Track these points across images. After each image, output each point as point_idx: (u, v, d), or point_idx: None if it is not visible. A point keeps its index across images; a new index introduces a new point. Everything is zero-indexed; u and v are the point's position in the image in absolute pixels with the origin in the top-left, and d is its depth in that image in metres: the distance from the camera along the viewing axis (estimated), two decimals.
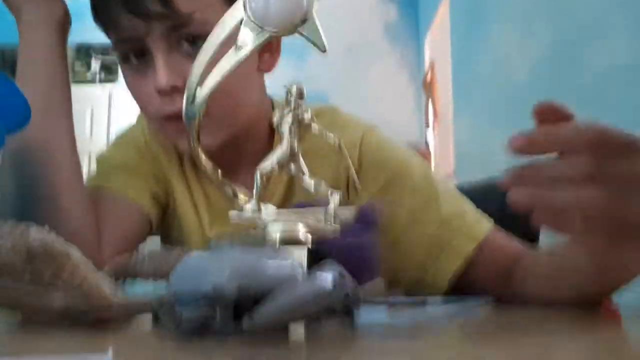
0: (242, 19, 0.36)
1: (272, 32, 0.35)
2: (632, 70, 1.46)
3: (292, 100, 0.40)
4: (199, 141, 0.45)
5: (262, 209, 0.37)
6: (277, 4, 0.34)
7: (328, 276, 0.26)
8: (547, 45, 1.95)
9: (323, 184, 0.39)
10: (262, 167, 0.38)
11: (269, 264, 0.27)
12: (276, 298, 0.25)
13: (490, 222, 0.63)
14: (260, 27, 0.35)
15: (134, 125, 0.76)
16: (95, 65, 4.19)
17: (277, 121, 0.40)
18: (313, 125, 0.40)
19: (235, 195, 0.44)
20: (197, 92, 0.39)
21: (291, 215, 0.37)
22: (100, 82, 4.16)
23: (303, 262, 0.33)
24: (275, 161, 0.38)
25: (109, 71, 4.17)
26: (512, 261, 0.57)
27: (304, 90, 0.40)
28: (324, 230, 0.36)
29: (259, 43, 0.36)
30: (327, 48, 0.36)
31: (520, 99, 2.10)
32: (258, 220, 0.36)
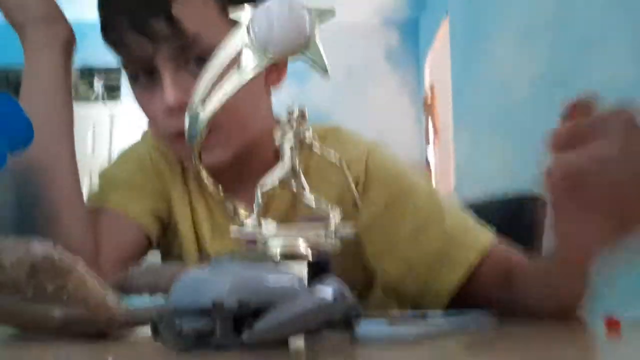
0: (244, 43, 0.36)
1: (275, 56, 0.36)
2: (631, 86, 1.47)
3: (294, 122, 0.40)
4: (201, 160, 0.46)
5: (262, 224, 0.37)
6: (280, 28, 0.35)
7: (328, 290, 0.26)
8: (546, 62, 1.97)
9: (323, 200, 0.39)
10: (263, 183, 0.39)
11: (270, 277, 0.27)
12: (277, 311, 0.25)
13: (492, 233, 0.64)
14: (263, 51, 0.36)
15: (139, 141, 0.77)
16: (98, 85, 4.23)
17: (279, 140, 0.41)
18: (314, 144, 0.40)
19: (236, 212, 0.44)
20: (200, 113, 0.40)
21: (291, 230, 0.38)
22: (103, 102, 4.20)
23: (303, 276, 0.34)
24: (276, 178, 0.39)
25: (112, 91, 4.21)
26: (513, 271, 0.58)
27: (305, 111, 0.41)
28: (324, 245, 0.37)
29: (262, 66, 0.36)
30: (329, 71, 0.36)
31: (520, 116, 2.11)
32: (258, 236, 0.37)
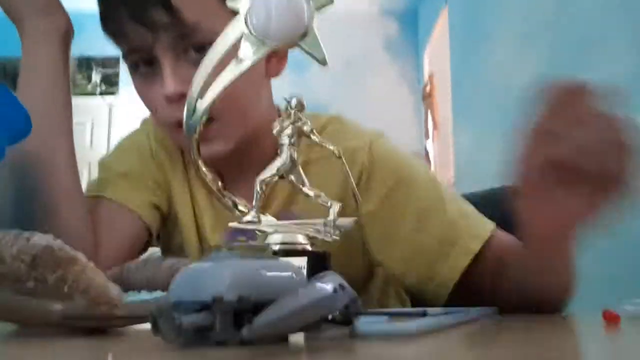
0: (243, 32, 0.36)
1: (273, 46, 0.36)
2: (630, 85, 1.47)
3: (292, 113, 0.40)
4: (200, 152, 0.45)
5: (261, 219, 0.37)
6: (277, 18, 0.35)
7: (328, 286, 0.26)
8: (546, 57, 1.96)
9: (322, 194, 0.39)
10: (262, 176, 0.38)
11: (269, 273, 0.27)
12: (276, 307, 0.25)
13: (492, 222, 0.65)
14: (261, 41, 0.35)
15: (138, 129, 0.76)
16: (95, 77, 4.21)
17: (277, 132, 0.40)
18: (313, 135, 0.40)
19: (235, 206, 0.44)
20: (198, 104, 0.39)
21: (291, 226, 0.38)
22: (100, 94, 4.18)
23: (303, 272, 0.34)
24: (274, 171, 0.39)
25: (110, 83, 4.19)
26: (507, 257, 0.60)
27: (303, 102, 0.41)
28: (323, 240, 0.36)
29: (260, 56, 0.36)
30: (328, 61, 0.36)
31: (520, 109, 2.10)
32: (258, 231, 0.36)
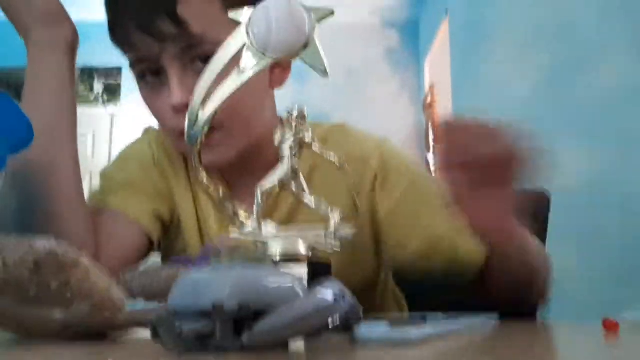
0: (244, 43, 0.36)
1: (274, 58, 0.36)
2: (631, 93, 1.47)
3: (294, 122, 0.40)
4: (201, 161, 0.46)
5: (262, 226, 0.37)
6: (278, 30, 0.35)
7: (328, 292, 0.26)
8: (547, 67, 1.97)
9: (324, 204, 0.39)
10: (263, 185, 0.39)
11: (270, 280, 0.27)
12: (277, 313, 0.25)
13: None
14: (263, 53, 0.36)
15: (140, 138, 0.77)
16: (98, 87, 4.23)
17: (278, 143, 0.41)
18: (314, 144, 0.40)
19: (235, 214, 0.44)
20: (200, 114, 0.40)
21: (292, 232, 0.38)
22: (102, 103, 4.20)
23: (304, 279, 0.34)
24: (276, 180, 0.39)
25: (112, 93, 4.20)
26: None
27: (305, 112, 0.41)
28: (324, 247, 0.37)
29: (261, 67, 0.36)
30: (329, 71, 0.36)
31: (520, 117, 2.10)
32: (259, 238, 0.37)
